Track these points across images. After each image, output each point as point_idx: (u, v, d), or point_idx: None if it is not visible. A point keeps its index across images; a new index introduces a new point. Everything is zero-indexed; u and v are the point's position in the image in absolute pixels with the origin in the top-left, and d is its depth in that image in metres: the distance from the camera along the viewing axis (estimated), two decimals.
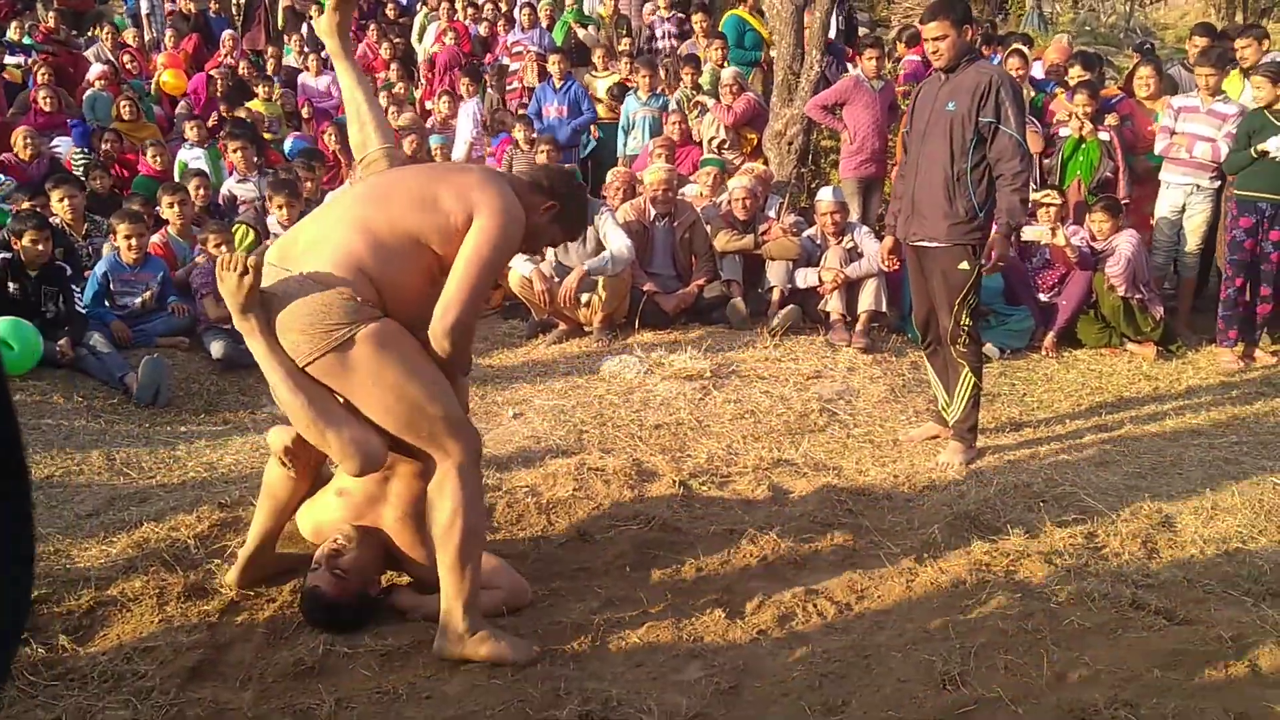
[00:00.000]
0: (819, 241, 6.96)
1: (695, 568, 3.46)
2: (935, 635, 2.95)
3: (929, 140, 4.62)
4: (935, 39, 4.55)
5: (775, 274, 6.86)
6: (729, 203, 7.22)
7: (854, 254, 6.77)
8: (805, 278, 6.81)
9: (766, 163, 8.40)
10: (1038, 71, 9.23)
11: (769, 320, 6.65)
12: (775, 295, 6.82)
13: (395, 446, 2.94)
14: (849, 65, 9.47)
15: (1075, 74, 8.05)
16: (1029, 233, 6.82)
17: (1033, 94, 8.41)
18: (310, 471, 3.18)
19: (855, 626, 3.06)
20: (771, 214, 7.41)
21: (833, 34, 9.96)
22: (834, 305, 6.67)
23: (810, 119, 8.23)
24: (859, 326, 6.59)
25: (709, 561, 3.50)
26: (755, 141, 8.72)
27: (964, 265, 4.59)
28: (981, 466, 4.62)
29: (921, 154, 4.66)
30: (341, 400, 2.82)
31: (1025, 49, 9.14)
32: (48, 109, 9.45)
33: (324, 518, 3.15)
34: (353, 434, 2.76)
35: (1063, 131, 7.52)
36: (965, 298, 4.63)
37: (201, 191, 7.75)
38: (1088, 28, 16.77)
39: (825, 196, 6.96)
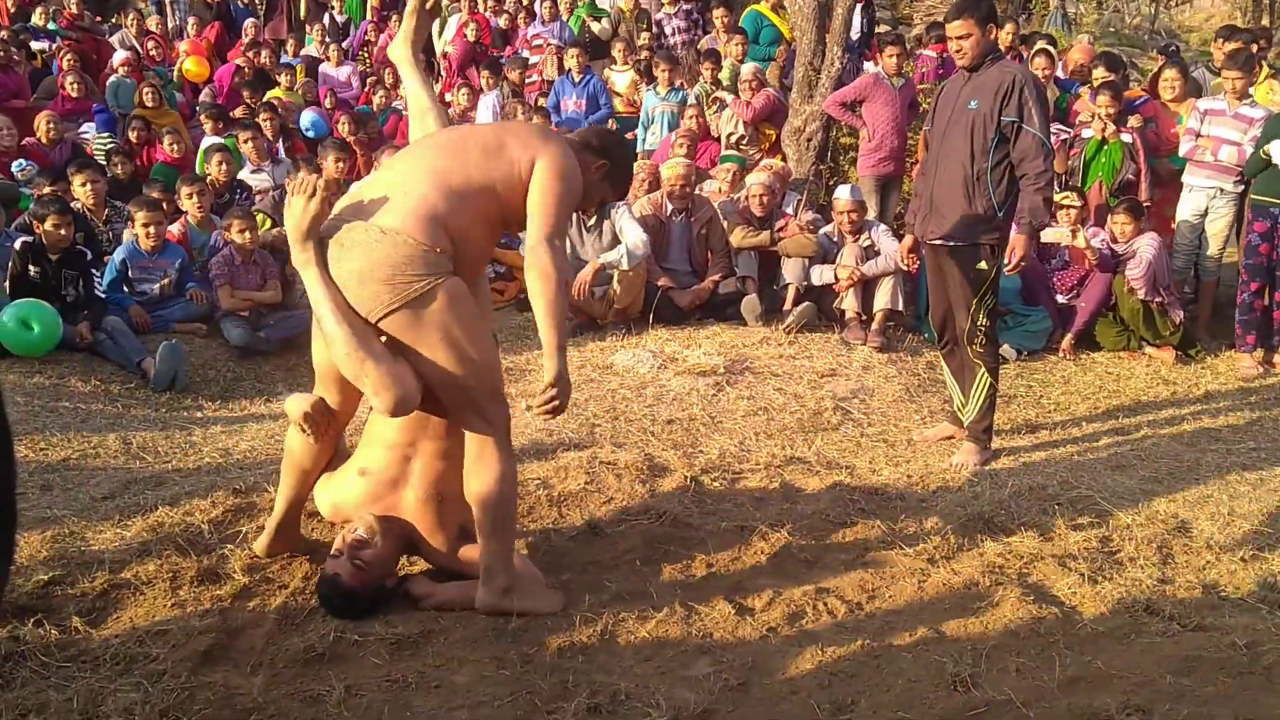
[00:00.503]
0: (836, 239, 6.94)
1: (705, 564, 3.45)
2: (947, 636, 2.94)
3: (949, 138, 4.60)
4: (959, 37, 4.54)
5: (791, 271, 6.84)
6: (746, 199, 7.20)
7: (870, 252, 6.74)
8: (821, 275, 6.79)
9: (785, 159, 8.37)
10: (1061, 72, 9.18)
11: (784, 317, 6.63)
12: (790, 292, 6.80)
13: (422, 421, 3.04)
14: (868, 63, 9.43)
15: (1099, 75, 8.00)
16: (1049, 234, 6.79)
17: (1056, 95, 8.36)
18: (332, 438, 3.19)
19: (866, 626, 3.05)
20: (789, 211, 7.39)
21: (854, 33, 9.92)
22: (849, 303, 6.65)
23: (830, 116, 8.20)
24: (875, 325, 6.57)
25: (719, 558, 3.49)
26: (774, 137, 8.70)
27: (982, 265, 4.57)
28: (996, 468, 4.60)
29: (942, 152, 4.64)
30: (384, 340, 2.87)
31: (1052, 49, 9.08)
32: (75, 95, 9.51)
33: (344, 497, 3.15)
34: (391, 368, 2.79)
35: (1085, 133, 7.47)
36: (983, 298, 4.61)
37: (224, 167, 7.77)
38: (1112, 29, 16.68)
39: (843, 194, 6.94)
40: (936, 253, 4.74)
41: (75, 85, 9.57)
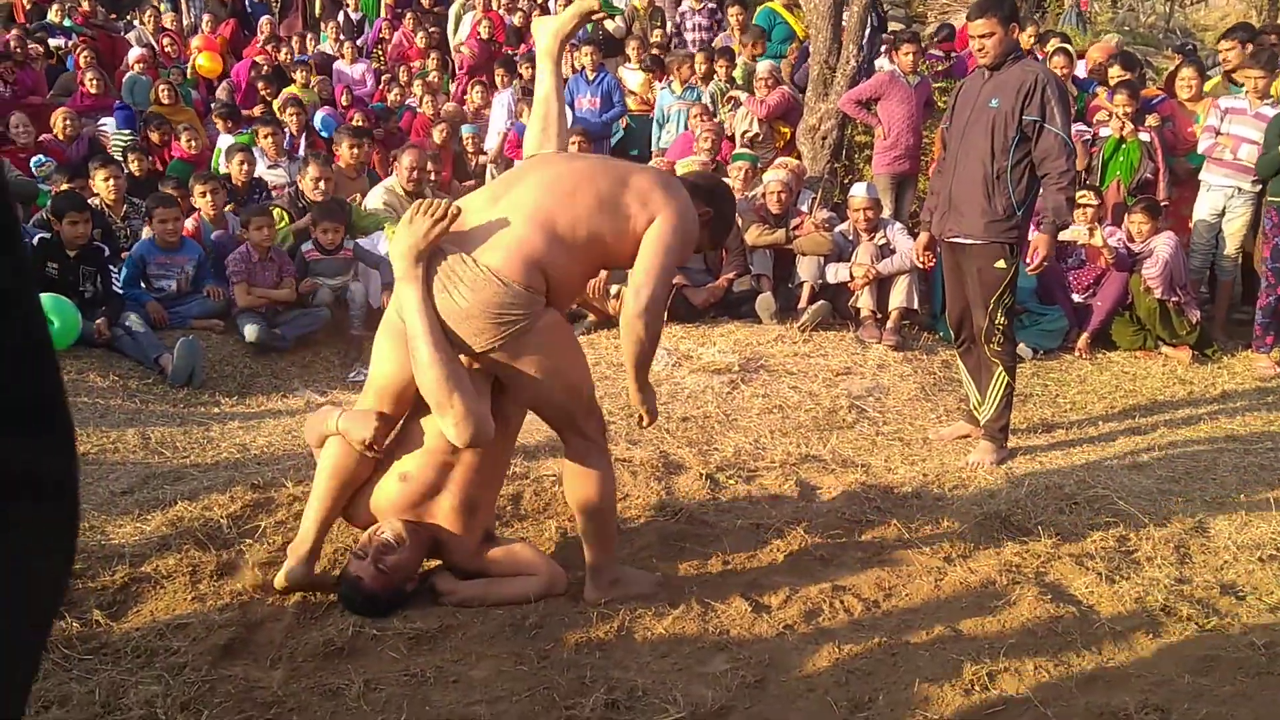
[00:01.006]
0: (851, 237, 6.93)
1: (722, 561, 3.45)
2: (964, 635, 2.94)
3: (970, 137, 4.60)
4: (981, 36, 4.54)
5: (806, 269, 6.84)
6: (762, 196, 7.20)
7: (886, 250, 6.73)
8: (836, 273, 6.78)
9: (799, 157, 8.37)
10: (1080, 71, 9.15)
11: (799, 315, 6.63)
12: (805, 290, 6.80)
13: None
14: (879, 60, 9.41)
15: (1115, 74, 7.97)
16: (1066, 232, 6.76)
17: (1074, 94, 8.33)
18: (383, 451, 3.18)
19: (883, 624, 3.05)
20: (804, 209, 7.38)
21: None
22: (865, 302, 6.64)
23: (845, 114, 8.19)
24: (890, 324, 6.57)
25: (735, 555, 3.49)
26: (788, 136, 8.69)
27: (1000, 263, 4.57)
28: (1012, 467, 4.59)
29: (961, 150, 4.63)
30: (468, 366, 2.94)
31: (1070, 48, 9.06)
32: (94, 91, 9.54)
33: (379, 501, 3.13)
34: (475, 406, 2.83)
35: (1103, 131, 7.45)
36: (1001, 296, 4.60)
37: (245, 168, 7.80)
38: (1126, 27, 16.60)
39: (858, 192, 6.93)
40: (955, 251, 4.73)
41: (94, 81, 9.61)
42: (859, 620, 3.08)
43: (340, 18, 12.88)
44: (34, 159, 8.06)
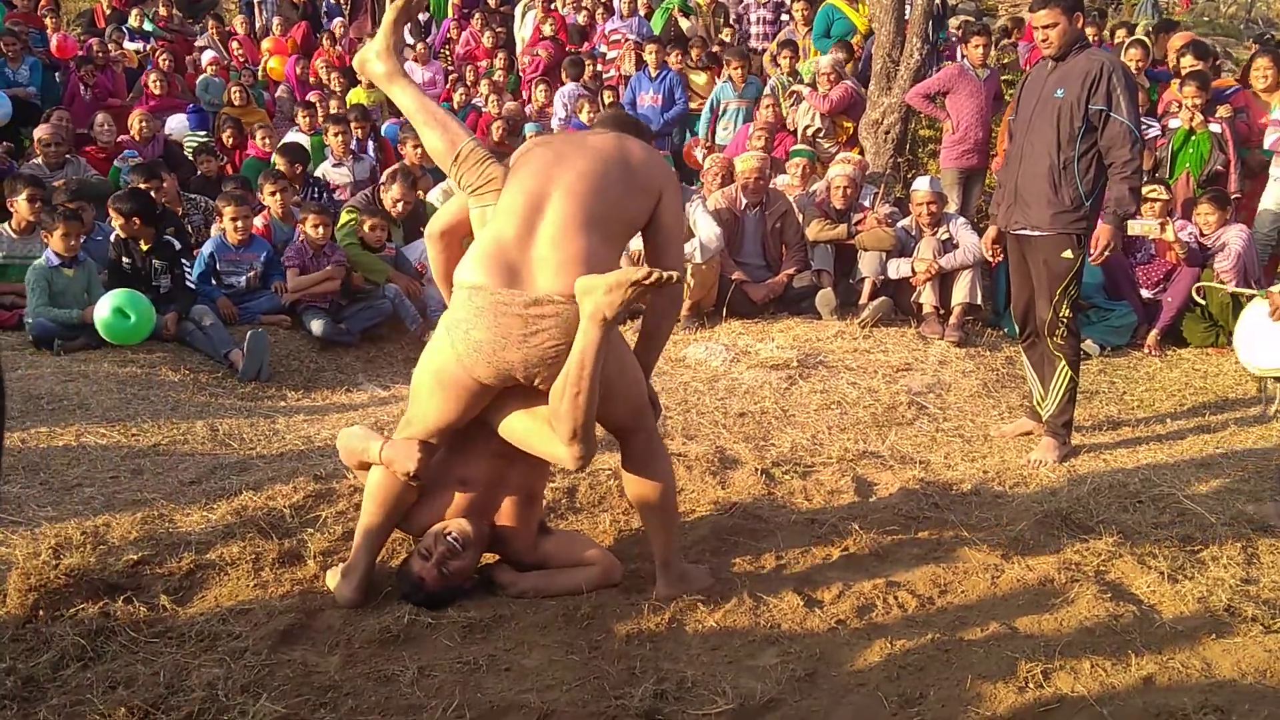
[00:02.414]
0: (914, 233, 6.85)
1: (775, 556, 3.45)
2: (1019, 632, 2.90)
3: (1035, 127, 4.54)
4: (1045, 26, 4.49)
5: (867, 265, 6.78)
6: (826, 191, 7.15)
7: (949, 245, 6.65)
8: (898, 268, 6.72)
9: (862, 152, 8.30)
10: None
11: (859, 311, 6.58)
12: (867, 286, 6.74)
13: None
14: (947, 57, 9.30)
15: (1187, 63, 7.78)
16: (1136, 226, 6.61)
17: (1147, 86, 8.15)
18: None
19: (937, 621, 3.02)
20: (866, 204, 7.32)
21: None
22: (927, 297, 6.57)
23: (909, 108, 8.10)
24: (952, 319, 6.49)
25: (789, 550, 3.48)
26: (851, 130, 8.63)
27: (1067, 254, 4.50)
28: (1075, 464, 4.51)
29: (1027, 141, 4.57)
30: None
31: (1148, 40, 8.87)
32: (158, 92, 9.79)
33: (439, 508, 3.14)
34: (593, 427, 2.85)
35: (1172, 123, 7.27)
36: (1066, 288, 4.53)
37: (298, 169, 7.95)
38: (1205, 18, 16.16)
39: (921, 186, 6.85)
40: (1021, 243, 4.67)
41: (159, 83, 9.84)
42: (913, 616, 3.05)
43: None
44: (125, 152, 8.31)
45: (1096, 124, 4.41)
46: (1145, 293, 6.79)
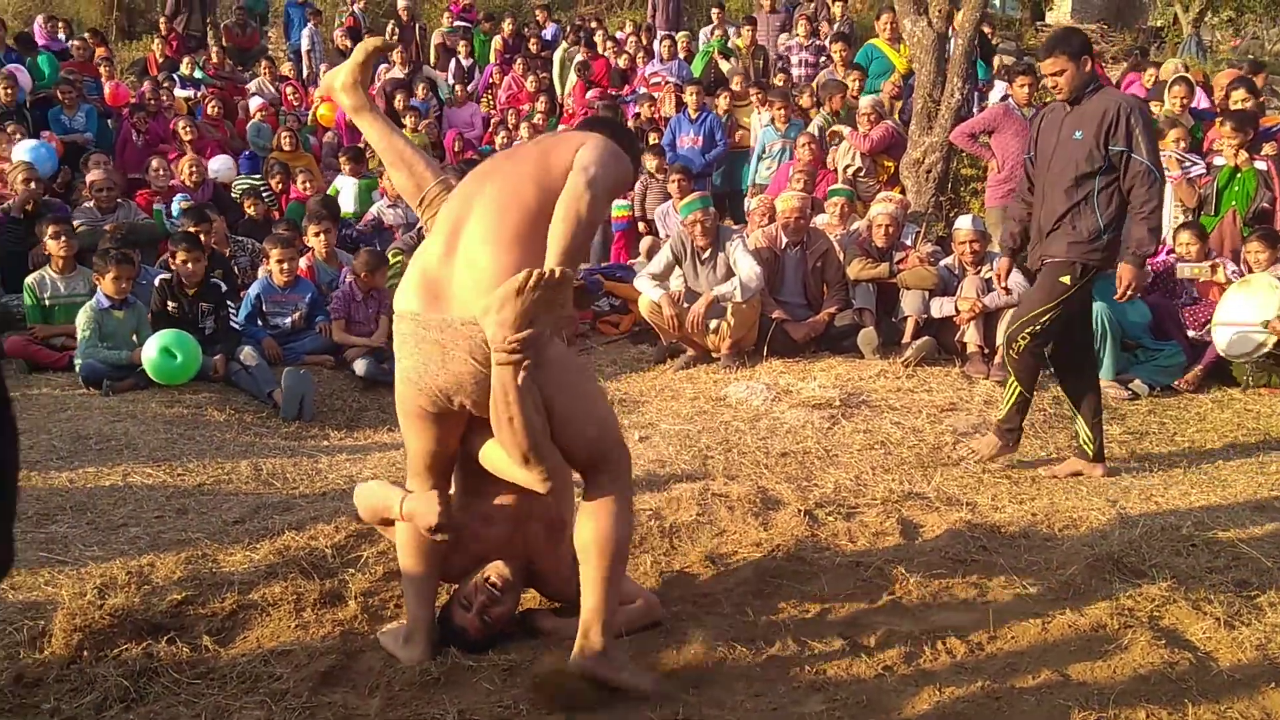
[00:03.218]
0: (956, 271, 6.80)
1: (819, 599, 3.39)
2: (1072, 680, 2.82)
3: (1054, 169, 4.63)
4: (1053, 74, 4.58)
5: (910, 303, 6.74)
6: (868, 229, 7.13)
7: (992, 284, 6.58)
8: (941, 307, 6.66)
9: (903, 191, 8.28)
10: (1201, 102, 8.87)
11: (902, 350, 6.52)
12: (909, 325, 6.69)
13: None
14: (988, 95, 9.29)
15: (1238, 97, 7.70)
16: (1186, 270, 6.52)
17: (1191, 124, 8.08)
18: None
19: (986, 667, 2.95)
20: (907, 242, 7.29)
21: None
22: (971, 336, 6.50)
23: (950, 146, 8.08)
24: (997, 359, 6.40)
25: (834, 594, 3.42)
26: (892, 170, 8.61)
27: (1065, 278, 4.62)
28: (1126, 507, 4.41)
29: (1048, 182, 4.66)
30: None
31: (1190, 77, 8.81)
32: (187, 138, 9.93)
33: (472, 551, 3.11)
34: (552, 454, 2.73)
35: (1217, 160, 7.19)
36: (1045, 310, 4.66)
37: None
38: (1250, 56, 16.04)
39: (964, 225, 6.81)
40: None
41: (187, 129, 9.98)
42: (961, 662, 2.99)
43: (451, 65, 13.26)
44: (176, 197, 8.49)
45: (1118, 164, 4.50)
46: (1191, 333, 6.67)
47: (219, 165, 9.71)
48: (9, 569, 1.16)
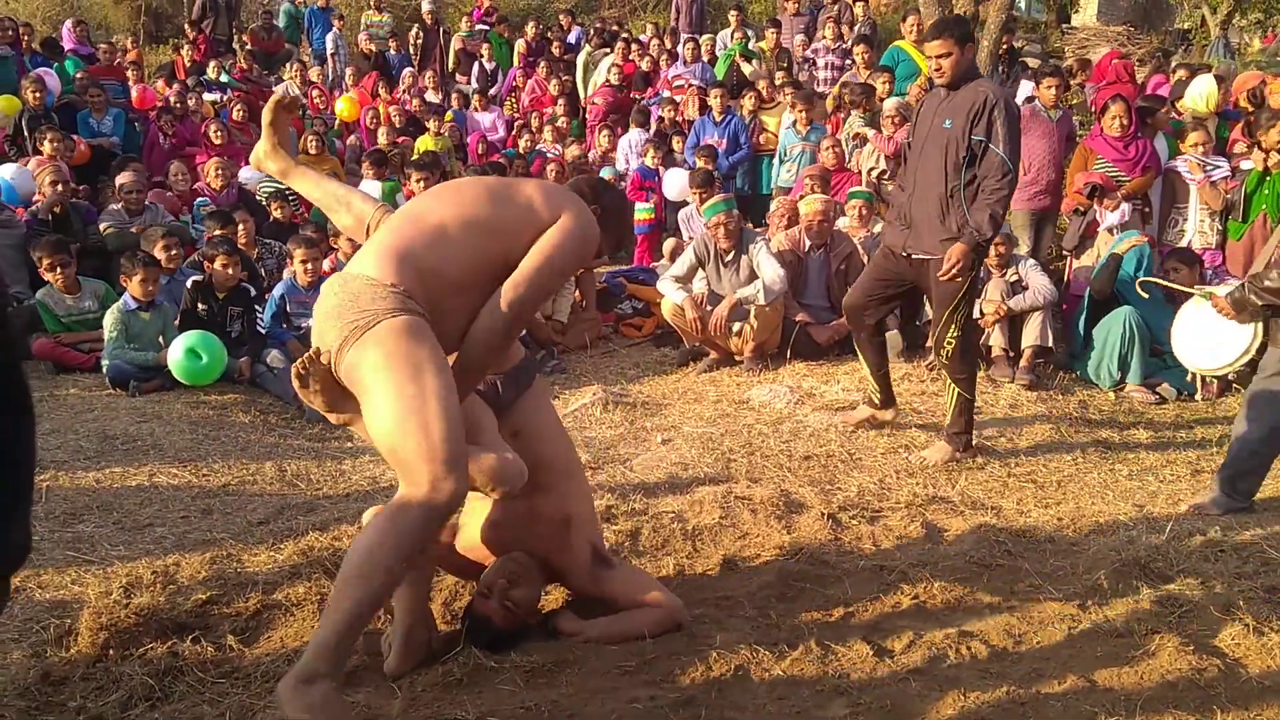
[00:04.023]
0: (982, 275, 6.75)
1: (843, 603, 3.37)
2: (1098, 685, 2.79)
3: (925, 156, 4.74)
4: (939, 56, 4.67)
5: None
6: None
7: (1018, 287, 6.54)
8: None
9: None
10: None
11: (926, 354, 6.48)
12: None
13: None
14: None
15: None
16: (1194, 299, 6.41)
17: (1215, 125, 7.99)
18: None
19: (1011, 672, 2.92)
20: None
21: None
22: (996, 339, 6.45)
23: None
24: (1023, 362, 6.36)
25: (857, 597, 3.41)
26: None
27: (959, 277, 4.74)
28: (1153, 512, 4.37)
29: (919, 169, 4.78)
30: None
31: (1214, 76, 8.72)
32: (218, 142, 10.01)
33: (487, 552, 3.15)
34: (494, 448, 2.71)
35: (1244, 164, 7.10)
36: (955, 310, 4.80)
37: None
38: (1279, 58, 15.86)
39: None
40: (915, 266, 4.89)
41: (218, 132, 10.06)
42: (986, 667, 2.96)
43: (474, 70, 13.31)
44: (196, 200, 8.54)
45: (978, 154, 4.62)
46: None
47: (247, 170, 9.77)
48: (25, 557, 1.16)
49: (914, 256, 4.86)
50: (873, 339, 5.23)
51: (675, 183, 9.15)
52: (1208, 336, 4.61)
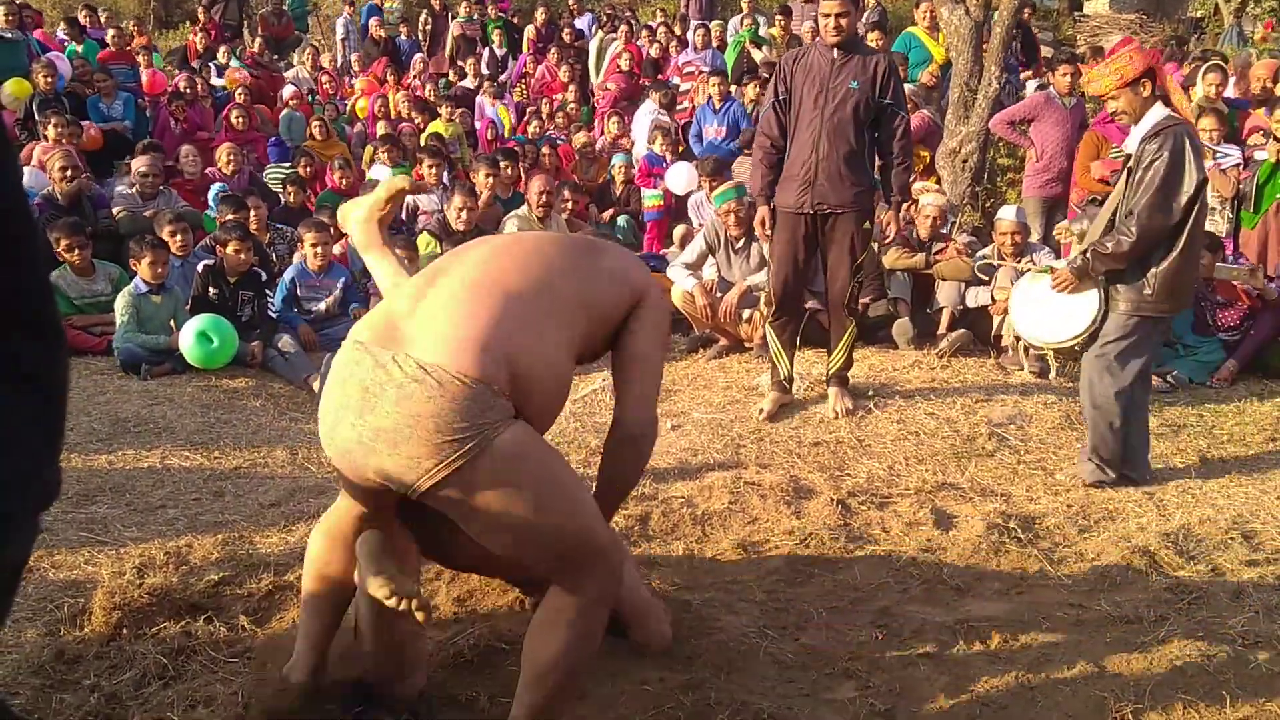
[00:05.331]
0: (995, 262, 6.73)
1: (852, 588, 3.38)
2: (1107, 671, 2.80)
3: (837, 115, 4.90)
4: (837, 14, 4.83)
5: (945, 294, 6.68)
6: (911, 219, 7.07)
7: None
8: (976, 297, 6.60)
9: (939, 181, 8.20)
10: (1232, 91, 8.71)
11: (937, 341, 6.48)
12: (945, 316, 6.64)
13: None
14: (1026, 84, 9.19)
15: None
16: (1222, 271, 6.40)
17: (1225, 111, 7.94)
18: None
19: (1020, 658, 2.93)
20: (944, 232, 7.22)
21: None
22: (1007, 328, 6.43)
23: (987, 136, 8.00)
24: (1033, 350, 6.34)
25: (866, 583, 3.42)
26: (928, 159, 8.54)
27: (867, 224, 5.06)
28: (1164, 499, 4.37)
29: (820, 128, 4.92)
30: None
31: (1224, 65, 8.65)
32: (239, 127, 10.03)
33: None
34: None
35: (1258, 154, 7.06)
36: (861, 260, 5.10)
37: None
38: None
39: (1007, 215, 6.71)
40: (821, 222, 5.04)
41: (240, 118, 10.07)
42: (995, 653, 2.97)
43: (485, 54, 13.29)
44: (214, 185, 8.54)
45: (881, 116, 4.93)
46: (1222, 336, 6.55)
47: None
48: (56, 497, 1.16)
49: (821, 212, 5.01)
50: (798, 326, 5.50)
51: (678, 177, 9.11)
52: (1055, 309, 4.59)
